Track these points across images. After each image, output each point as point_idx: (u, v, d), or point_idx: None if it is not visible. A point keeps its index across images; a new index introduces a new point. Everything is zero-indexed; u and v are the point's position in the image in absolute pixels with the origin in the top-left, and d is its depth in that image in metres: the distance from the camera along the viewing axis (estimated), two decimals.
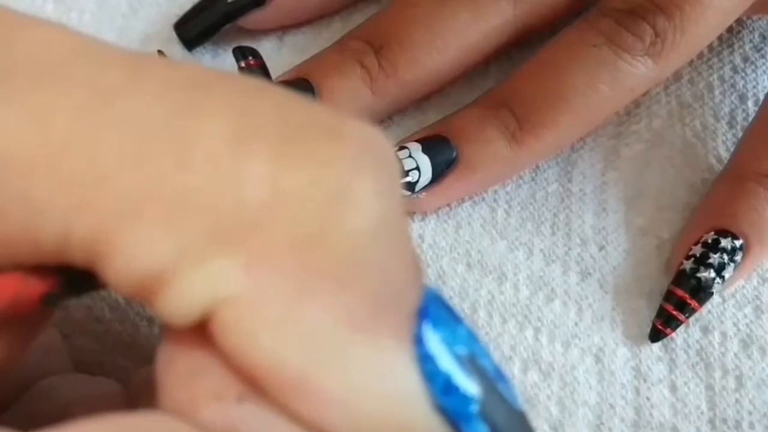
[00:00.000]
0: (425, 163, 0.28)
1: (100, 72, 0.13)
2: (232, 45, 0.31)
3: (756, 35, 0.33)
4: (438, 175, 0.28)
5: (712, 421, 0.26)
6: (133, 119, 0.13)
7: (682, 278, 0.27)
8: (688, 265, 0.27)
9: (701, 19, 0.28)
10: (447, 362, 0.14)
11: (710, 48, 0.32)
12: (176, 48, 0.31)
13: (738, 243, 0.27)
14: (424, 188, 0.28)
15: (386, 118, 0.31)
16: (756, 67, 0.32)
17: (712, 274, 0.27)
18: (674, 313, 0.27)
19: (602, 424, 0.26)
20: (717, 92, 0.32)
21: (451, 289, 0.28)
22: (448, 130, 0.28)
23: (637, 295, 0.28)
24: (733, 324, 0.27)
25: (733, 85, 0.32)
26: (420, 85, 0.30)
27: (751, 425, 0.26)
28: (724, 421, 0.26)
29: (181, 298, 0.13)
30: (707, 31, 0.29)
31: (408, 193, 0.28)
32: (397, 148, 0.28)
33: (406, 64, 0.29)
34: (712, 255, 0.27)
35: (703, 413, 0.26)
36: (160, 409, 0.14)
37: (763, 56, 0.32)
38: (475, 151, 0.28)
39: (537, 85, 0.28)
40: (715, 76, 0.32)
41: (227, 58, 0.29)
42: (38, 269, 0.13)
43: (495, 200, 0.30)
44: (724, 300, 0.28)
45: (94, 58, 0.13)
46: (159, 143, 0.13)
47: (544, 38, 0.30)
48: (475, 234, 0.29)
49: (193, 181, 0.13)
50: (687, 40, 0.28)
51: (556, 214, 0.29)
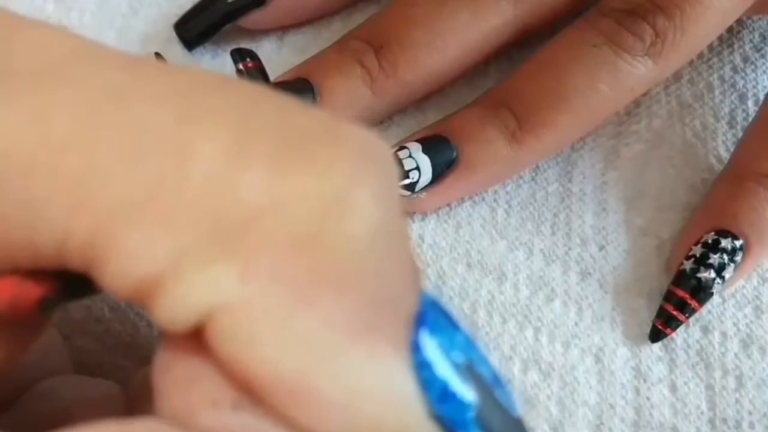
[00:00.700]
0: (425, 163, 0.28)
1: (99, 74, 0.13)
2: (232, 45, 0.31)
3: (756, 35, 0.33)
4: (438, 175, 0.28)
5: (712, 421, 0.26)
6: (133, 123, 0.13)
7: (682, 278, 0.27)
8: (689, 265, 0.27)
9: (701, 19, 0.28)
10: (444, 369, 0.14)
11: (710, 48, 0.32)
12: (176, 48, 0.31)
13: (738, 243, 0.27)
14: (424, 188, 0.28)
15: (386, 118, 0.31)
16: (756, 67, 0.32)
17: (712, 275, 0.27)
18: (674, 313, 0.27)
19: (602, 424, 0.26)
20: (717, 92, 0.32)
21: (451, 289, 0.28)
22: (448, 130, 0.28)
23: (637, 295, 0.28)
24: (733, 324, 0.27)
25: (733, 85, 0.32)
26: (420, 85, 0.30)
27: (751, 425, 0.26)
28: (724, 421, 0.26)
29: (177, 304, 0.13)
30: (707, 31, 0.29)
31: (408, 193, 0.28)
32: (397, 148, 0.28)
33: (406, 63, 0.29)
34: (712, 255, 0.27)
35: (703, 413, 0.26)
36: (157, 414, 0.14)
37: (763, 56, 0.32)
38: (475, 151, 0.28)
39: (537, 85, 0.28)
40: (715, 76, 0.32)
41: (227, 58, 0.29)
42: (35, 273, 0.13)
43: (495, 200, 0.30)
44: (724, 300, 0.28)
45: (94, 60, 0.13)
46: (158, 148, 0.13)
47: (544, 38, 0.30)
48: (475, 234, 0.29)
49: (191, 186, 0.13)
50: (687, 40, 0.28)
51: (556, 214, 0.29)
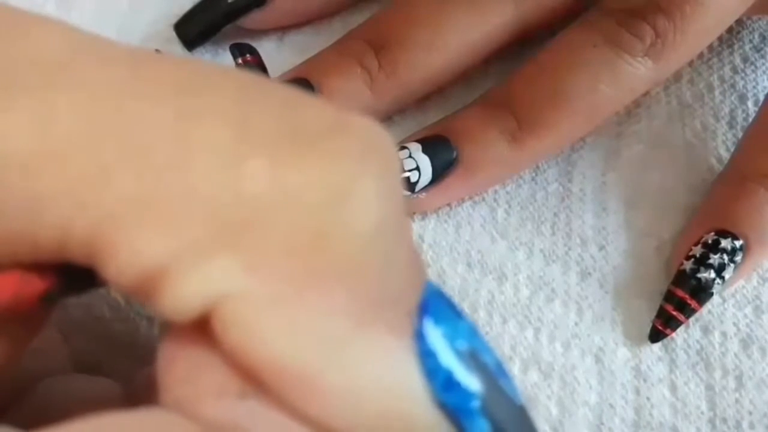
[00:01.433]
0: (425, 163, 0.28)
1: (101, 70, 0.13)
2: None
3: (756, 35, 0.33)
4: (438, 175, 0.28)
5: (712, 421, 0.26)
6: (135, 118, 0.13)
7: (682, 279, 0.27)
8: (689, 265, 0.27)
9: (701, 19, 0.28)
10: (448, 358, 0.14)
11: (710, 48, 0.32)
12: (176, 48, 0.31)
13: (738, 243, 0.27)
14: (425, 188, 0.28)
15: (386, 118, 0.31)
16: (756, 67, 0.32)
17: (712, 275, 0.27)
18: (674, 313, 0.27)
19: (602, 424, 0.26)
20: (717, 92, 0.32)
21: (451, 289, 0.28)
22: (449, 131, 0.28)
23: (637, 295, 0.28)
24: (733, 324, 0.27)
25: (733, 85, 0.32)
26: (420, 85, 0.30)
27: (751, 425, 0.26)
28: (724, 421, 0.26)
29: (182, 295, 0.13)
30: (707, 32, 0.29)
31: (408, 193, 0.28)
32: (397, 149, 0.28)
33: (406, 64, 0.29)
34: (712, 255, 0.27)
35: (703, 413, 0.26)
36: (162, 405, 0.14)
37: (763, 56, 0.32)
38: (476, 151, 0.28)
39: (537, 86, 0.28)
40: (715, 76, 0.32)
41: (227, 58, 0.29)
42: (37, 267, 0.13)
43: (495, 200, 0.30)
44: (724, 300, 0.28)
45: (96, 56, 0.13)
46: (161, 142, 0.13)
47: (544, 38, 0.30)
48: (475, 234, 0.29)
49: (194, 179, 0.13)
50: (687, 41, 0.28)
51: (556, 214, 0.29)
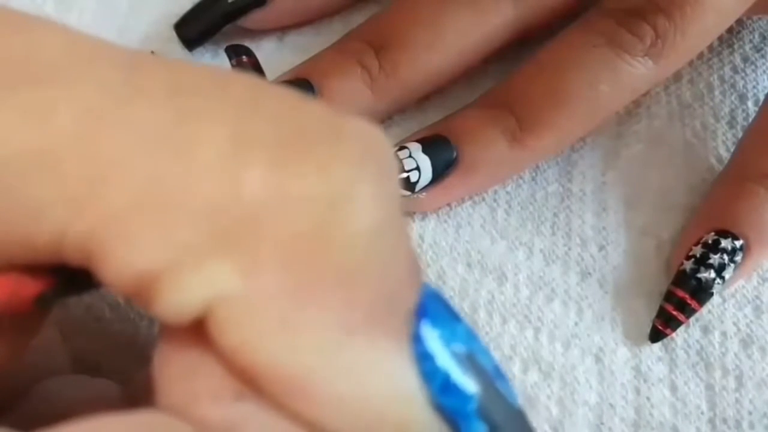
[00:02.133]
0: (425, 163, 0.28)
1: (101, 72, 0.13)
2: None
3: (756, 35, 0.33)
4: (438, 175, 0.28)
5: (712, 421, 0.26)
6: (133, 121, 0.13)
7: (682, 278, 0.27)
8: (689, 265, 0.27)
9: (701, 19, 0.28)
10: (445, 361, 0.14)
11: (710, 48, 0.32)
12: (176, 48, 0.31)
13: (738, 243, 0.27)
14: (425, 188, 0.28)
15: (386, 118, 0.31)
16: (756, 67, 0.32)
17: (713, 275, 0.27)
18: (674, 313, 0.27)
19: (602, 424, 0.26)
20: (717, 92, 0.32)
21: (451, 289, 0.28)
22: (449, 130, 0.28)
23: (637, 295, 0.28)
24: (733, 324, 0.27)
25: (733, 85, 0.32)
26: (420, 85, 0.30)
27: (751, 425, 0.26)
28: (724, 421, 0.26)
29: (178, 298, 0.13)
30: (707, 32, 0.29)
31: (408, 193, 0.28)
32: (397, 148, 0.28)
33: (406, 64, 0.29)
34: (712, 255, 0.27)
35: (703, 413, 0.26)
36: (158, 408, 0.14)
37: (763, 56, 0.32)
38: (476, 151, 0.28)
39: (537, 85, 0.28)
40: (715, 76, 0.32)
41: (227, 59, 0.29)
42: (33, 269, 0.13)
43: (495, 200, 0.30)
44: (724, 300, 0.28)
45: (95, 58, 0.13)
46: (158, 145, 0.13)
47: (544, 38, 0.30)
48: (475, 234, 0.29)
49: (191, 183, 0.13)
50: (687, 41, 0.28)
51: (556, 214, 0.29)
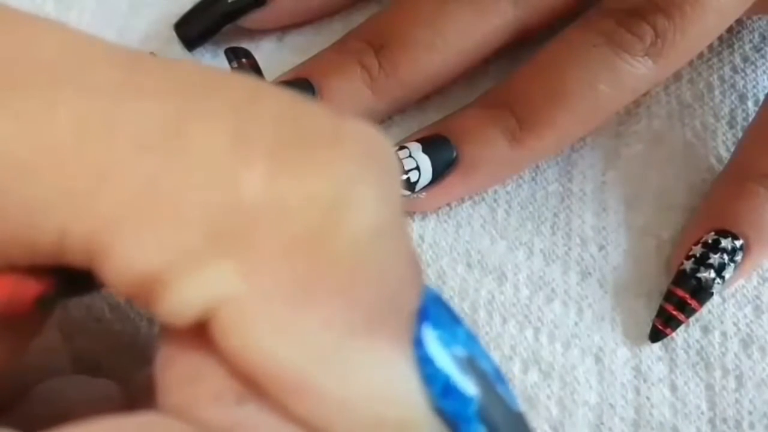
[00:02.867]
0: (425, 162, 0.28)
1: (100, 72, 0.13)
2: (233, 44, 0.31)
3: (756, 35, 0.33)
4: (438, 175, 0.28)
5: (712, 421, 0.26)
6: (132, 122, 0.13)
7: (682, 278, 0.27)
8: (689, 265, 0.27)
9: (701, 19, 0.28)
10: (446, 364, 0.14)
11: (710, 48, 0.32)
12: (176, 48, 0.31)
13: (738, 243, 0.27)
14: (424, 188, 0.28)
15: (386, 118, 0.31)
16: (756, 67, 0.32)
17: (713, 275, 0.27)
18: (674, 313, 0.27)
19: (602, 424, 0.26)
20: (717, 92, 0.32)
21: (451, 289, 0.28)
22: (449, 130, 0.28)
23: (637, 295, 0.28)
24: (733, 324, 0.27)
25: (733, 85, 0.32)
26: (420, 85, 0.30)
27: (751, 425, 0.26)
28: (724, 421, 0.26)
29: (179, 299, 0.13)
30: (707, 32, 0.29)
31: (408, 193, 0.28)
32: (397, 148, 0.28)
33: (406, 64, 0.29)
34: (712, 255, 0.27)
35: (703, 413, 0.26)
36: (160, 409, 0.14)
37: (763, 56, 0.32)
38: (476, 151, 0.28)
39: (537, 85, 0.28)
40: (715, 76, 0.32)
41: (227, 60, 0.29)
42: (34, 270, 0.13)
43: (495, 200, 0.30)
44: (724, 300, 0.28)
45: (94, 58, 0.13)
46: (157, 145, 0.13)
47: (544, 38, 0.30)
48: (475, 234, 0.29)
49: (191, 184, 0.13)
50: (687, 41, 0.28)
51: (556, 214, 0.29)
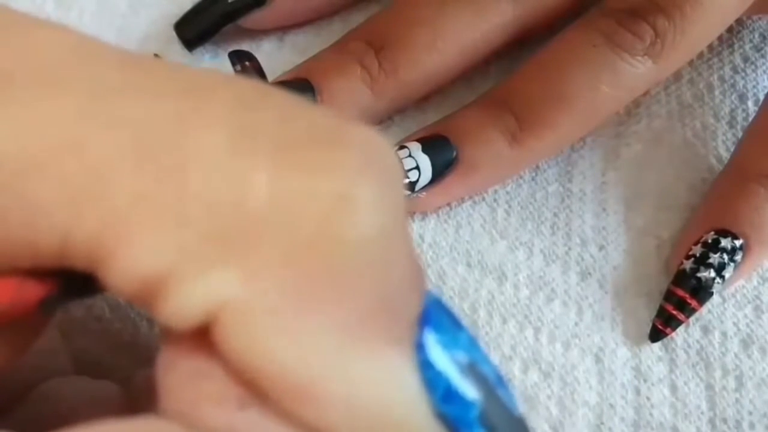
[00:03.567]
0: (425, 162, 0.28)
1: (101, 73, 0.13)
2: (232, 45, 0.31)
3: (756, 35, 0.33)
4: (438, 175, 0.28)
5: (712, 421, 0.26)
6: (134, 123, 0.13)
7: (682, 278, 0.27)
8: (688, 264, 0.27)
9: (701, 19, 0.28)
10: (448, 369, 0.14)
11: (710, 48, 0.32)
12: (176, 48, 0.31)
13: (738, 243, 0.27)
14: (424, 188, 0.28)
15: (386, 118, 0.31)
16: (756, 67, 0.32)
17: (712, 274, 0.27)
18: (674, 312, 0.27)
19: (602, 423, 0.26)
20: (717, 92, 0.32)
21: (451, 289, 0.28)
22: (448, 130, 0.28)
23: (637, 295, 0.28)
24: (733, 324, 0.27)
25: (733, 85, 0.32)
26: (420, 85, 0.30)
27: (752, 425, 0.26)
28: (725, 421, 0.26)
29: (182, 303, 0.13)
30: (707, 32, 0.29)
31: (408, 193, 0.28)
32: (397, 148, 0.28)
33: (406, 64, 0.29)
34: (712, 255, 0.27)
35: (703, 413, 0.26)
36: (161, 413, 0.14)
37: (763, 56, 0.32)
38: (475, 150, 0.28)
39: (537, 85, 0.28)
40: (715, 76, 0.32)
41: (227, 59, 0.29)
42: (37, 272, 0.13)
43: (495, 200, 0.30)
44: (724, 300, 0.28)
45: (95, 59, 0.13)
46: (160, 148, 0.13)
47: (544, 38, 0.30)
48: (475, 234, 0.29)
49: (193, 187, 0.13)
50: (687, 40, 0.28)
51: (556, 214, 0.29)
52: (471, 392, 0.14)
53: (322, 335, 0.13)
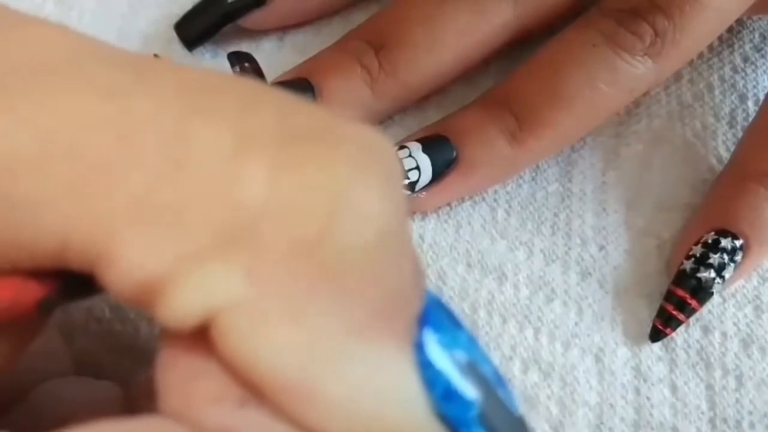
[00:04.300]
0: (425, 162, 0.28)
1: (100, 74, 0.13)
2: (233, 45, 0.31)
3: (756, 35, 0.33)
4: (438, 175, 0.28)
5: (712, 421, 0.26)
6: (134, 124, 0.13)
7: (682, 278, 0.27)
8: (689, 265, 0.27)
9: (701, 19, 0.28)
10: (447, 369, 0.14)
11: (710, 48, 0.32)
12: (176, 48, 0.31)
13: (738, 243, 0.27)
14: (424, 188, 0.28)
15: (386, 118, 0.31)
16: (756, 67, 0.32)
17: (713, 274, 0.27)
18: (674, 313, 0.27)
19: (602, 423, 0.26)
20: (717, 92, 0.32)
21: (451, 289, 0.28)
22: (449, 130, 0.28)
23: (637, 295, 0.28)
24: (734, 324, 0.27)
25: (733, 85, 0.32)
26: (420, 86, 0.30)
27: (752, 425, 0.26)
28: (725, 421, 0.26)
29: (181, 304, 0.13)
30: (707, 31, 0.28)
31: (408, 193, 0.28)
32: (397, 148, 0.28)
33: (406, 64, 0.29)
34: (712, 255, 0.27)
35: (703, 413, 0.26)
36: (160, 413, 0.14)
37: (763, 56, 0.32)
38: (476, 150, 0.28)
39: (537, 85, 0.28)
40: (715, 76, 0.32)
41: (227, 59, 0.29)
42: (36, 273, 0.13)
43: (495, 200, 0.30)
44: (725, 300, 0.28)
45: (95, 60, 0.13)
46: (159, 148, 0.13)
47: (544, 38, 0.29)
48: (475, 234, 0.29)
49: (192, 187, 0.13)
50: (687, 40, 0.28)
51: (556, 214, 0.29)
52: (470, 392, 0.14)
53: (320, 336, 0.13)
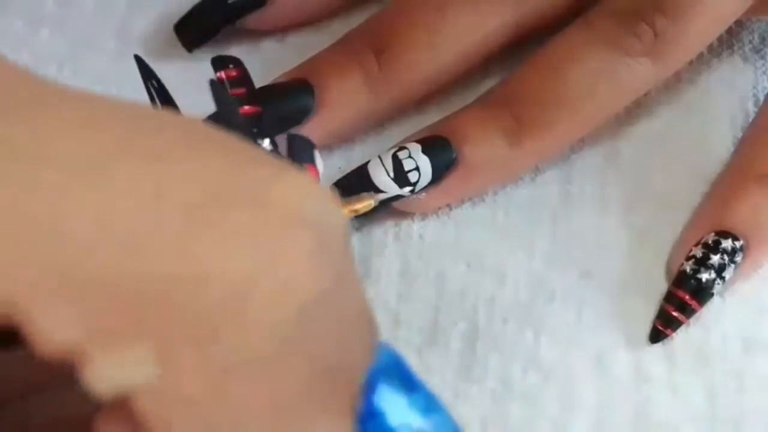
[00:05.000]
0: (425, 163, 0.28)
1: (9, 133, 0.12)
2: (233, 45, 0.31)
3: (755, 36, 0.33)
4: (438, 176, 0.28)
5: (712, 421, 0.26)
6: (44, 190, 0.12)
7: (682, 279, 0.27)
8: (689, 266, 0.27)
9: (701, 19, 0.28)
10: None
11: (710, 49, 0.32)
12: (176, 48, 0.31)
13: (738, 244, 0.27)
14: (424, 189, 0.28)
15: (386, 119, 0.30)
16: (756, 67, 0.32)
17: (713, 275, 0.27)
18: (674, 314, 0.27)
19: (602, 424, 0.26)
20: (717, 93, 0.32)
21: (451, 290, 0.28)
22: (448, 131, 0.28)
23: (637, 295, 0.28)
24: (734, 324, 0.27)
25: (732, 86, 0.32)
26: (420, 86, 0.30)
27: (752, 425, 0.26)
28: (725, 421, 0.26)
29: (93, 380, 0.12)
30: (707, 32, 0.29)
31: (408, 193, 0.28)
32: (397, 149, 0.28)
33: (406, 65, 0.29)
34: (712, 256, 0.27)
35: (703, 413, 0.26)
36: None
37: (762, 57, 0.32)
38: (475, 151, 0.28)
39: (537, 86, 0.28)
40: (715, 76, 0.32)
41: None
42: None
43: (495, 200, 0.30)
44: (724, 300, 0.28)
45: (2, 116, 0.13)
46: (70, 217, 0.12)
47: (544, 38, 0.29)
48: (475, 234, 0.29)
49: (100, 260, 0.12)
50: (687, 41, 0.28)
51: (556, 215, 0.29)
52: None
53: (245, 416, 0.12)
